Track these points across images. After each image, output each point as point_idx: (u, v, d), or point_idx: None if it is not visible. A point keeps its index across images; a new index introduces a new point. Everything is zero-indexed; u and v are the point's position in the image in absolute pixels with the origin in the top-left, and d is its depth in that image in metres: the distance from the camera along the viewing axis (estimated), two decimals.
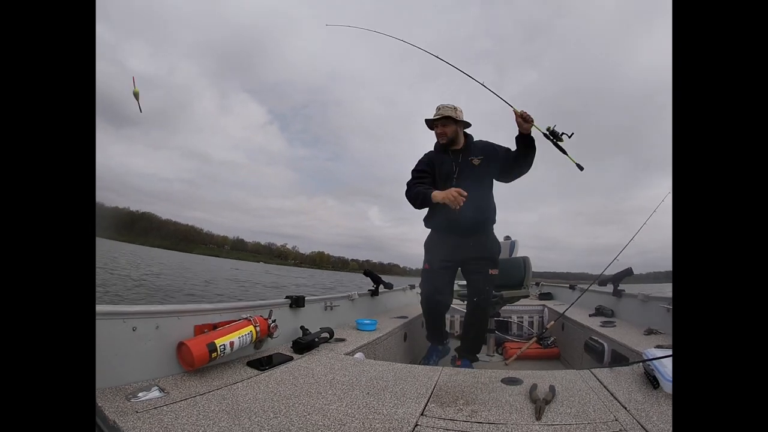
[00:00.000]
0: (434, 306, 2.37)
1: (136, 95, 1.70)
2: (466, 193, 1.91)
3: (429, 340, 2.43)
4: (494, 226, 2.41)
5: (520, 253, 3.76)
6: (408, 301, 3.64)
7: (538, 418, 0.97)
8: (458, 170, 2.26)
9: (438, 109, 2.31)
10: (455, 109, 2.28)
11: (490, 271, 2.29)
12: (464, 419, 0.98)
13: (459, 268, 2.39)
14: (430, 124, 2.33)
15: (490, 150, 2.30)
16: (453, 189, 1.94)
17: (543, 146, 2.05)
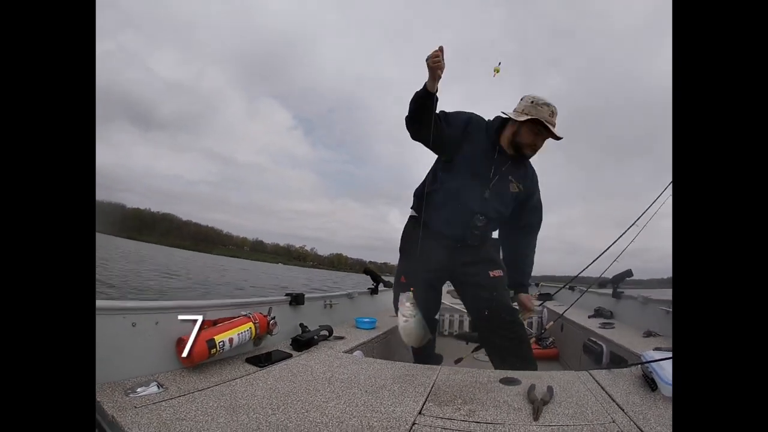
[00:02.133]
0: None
1: None
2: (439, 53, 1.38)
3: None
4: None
5: None
6: None
7: (536, 419, 0.98)
8: (498, 177, 1.74)
9: (546, 105, 1.62)
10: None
11: (491, 273, 1.83)
12: (462, 419, 0.98)
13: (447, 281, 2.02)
14: (514, 119, 1.65)
15: (531, 187, 1.86)
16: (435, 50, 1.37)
17: (562, 144, 1.74)
